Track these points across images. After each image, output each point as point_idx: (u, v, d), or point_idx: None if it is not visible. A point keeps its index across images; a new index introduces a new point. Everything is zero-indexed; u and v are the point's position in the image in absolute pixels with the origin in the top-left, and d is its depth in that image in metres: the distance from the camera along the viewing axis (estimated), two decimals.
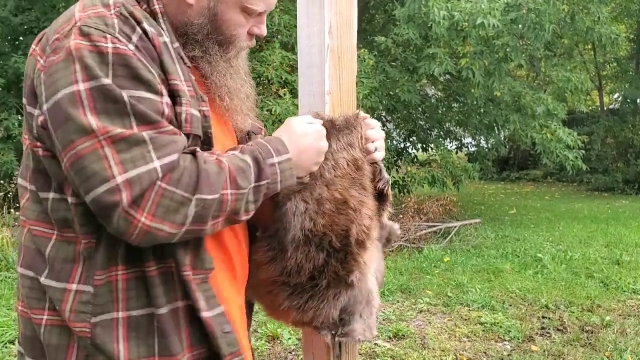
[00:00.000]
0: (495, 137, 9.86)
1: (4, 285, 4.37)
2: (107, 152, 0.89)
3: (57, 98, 0.91)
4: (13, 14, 7.20)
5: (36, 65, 0.97)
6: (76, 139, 0.90)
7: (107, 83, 0.91)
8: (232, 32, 1.09)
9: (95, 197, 0.90)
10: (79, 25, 0.94)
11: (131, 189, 0.89)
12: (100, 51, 0.92)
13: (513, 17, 6.59)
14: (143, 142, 0.91)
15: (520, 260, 5.92)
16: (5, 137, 6.73)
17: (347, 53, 1.32)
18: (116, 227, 0.91)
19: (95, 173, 0.89)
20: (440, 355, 3.48)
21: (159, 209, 0.91)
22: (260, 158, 1.04)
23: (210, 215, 0.96)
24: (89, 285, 0.98)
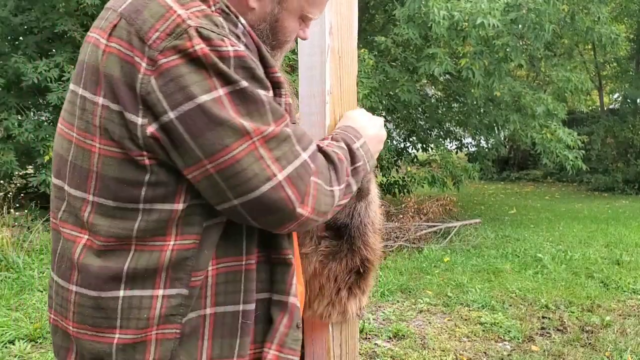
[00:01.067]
0: (495, 137, 9.86)
1: (4, 285, 4.37)
2: (262, 152, 0.90)
3: (196, 104, 0.87)
4: (13, 14, 7.20)
5: (135, 69, 0.88)
6: (231, 142, 0.88)
7: (246, 86, 0.90)
8: (286, 38, 1.10)
9: (257, 196, 0.90)
10: (196, 27, 0.88)
11: (295, 185, 0.92)
12: (223, 56, 0.89)
13: (513, 17, 6.59)
14: (288, 137, 0.93)
15: (520, 260, 5.93)
16: (5, 137, 6.72)
17: (348, 53, 1.32)
18: (281, 221, 0.94)
19: (256, 174, 0.90)
20: (440, 355, 3.48)
21: (317, 202, 0.96)
22: (350, 143, 1.11)
23: (342, 202, 1.04)
24: (180, 288, 0.95)
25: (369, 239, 1.27)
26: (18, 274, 4.60)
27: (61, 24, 6.67)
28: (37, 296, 4.21)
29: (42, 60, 6.46)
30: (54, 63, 6.43)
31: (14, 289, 4.32)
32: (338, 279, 1.26)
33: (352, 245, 1.25)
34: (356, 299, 1.30)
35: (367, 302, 1.36)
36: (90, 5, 6.30)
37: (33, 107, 7.53)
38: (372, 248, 1.28)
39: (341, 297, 1.27)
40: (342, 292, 1.27)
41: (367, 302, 1.35)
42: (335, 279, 1.25)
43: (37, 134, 6.46)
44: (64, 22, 6.69)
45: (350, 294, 1.28)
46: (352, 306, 1.29)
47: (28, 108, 7.31)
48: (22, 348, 3.32)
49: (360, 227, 1.25)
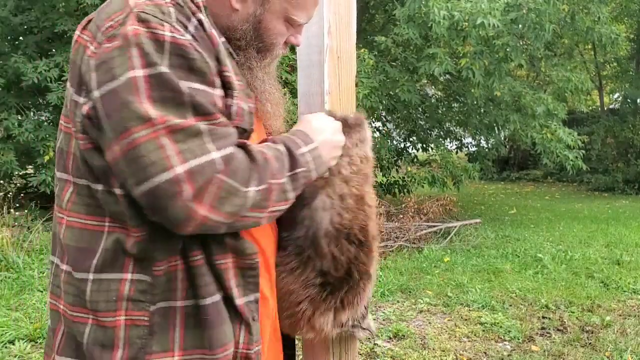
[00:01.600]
0: (495, 137, 9.86)
1: (4, 285, 4.37)
2: (164, 142, 0.87)
3: (114, 85, 0.89)
4: (13, 14, 7.20)
5: (85, 52, 0.94)
6: (133, 126, 0.87)
7: (166, 71, 0.89)
8: (272, 41, 1.10)
9: (152, 187, 0.88)
10: (136, 12, 0.91)
11: (193, 180, 0.88)
12: (157, 39, 0.90)
13: (513, 17, 6.59)
14: (200, 134, 0.90)
15: (520, 260, 5.92)
16: (5, 137, 6.73)
17: (346, 53, 1.32)
18: (172, 218, 0.90)
19: (153, 163, 0.87)
20: (440, 355, 3.48)
21: (219, 201, 0.91)
22: (292, 147, 1.06)
23: (261, 205, 0.98)
24: (146, 275, 0.96)
25: (324, 249, 1.16)
26: (18, 274, 4.60)
27: (61, 24, 6.67)
28: (37, 296, 4.21)
29: (42, 60, 6.47)
30: (54, 63, 6.44)
31: (14, 289, 4.32)
32: (294, 293, 1.17)
33: (301, 256, 1.16)
34: (327, 315, 1.20)
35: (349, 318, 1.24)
36: (90, 5, 6.30)
37: (33, 107, 7.54)
38: (331, 258, 1.17)
39: (302, 311, 1.18)
40: (303, 307, 1.18)
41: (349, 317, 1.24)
42: (291, 293, 1.17)
43: (37, 134, 6.46)
44: (64, 22, 6.69)
45: (316, 308, 1.18)
46: (322, 322, 1.20)
47: (28, 108, 7.31)
48: (22, 348, 3.32)
49: (308, 236, 1.16)
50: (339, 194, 1.18)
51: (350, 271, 1.19)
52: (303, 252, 1.16)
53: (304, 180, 1.07)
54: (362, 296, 1.23)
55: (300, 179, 1.06)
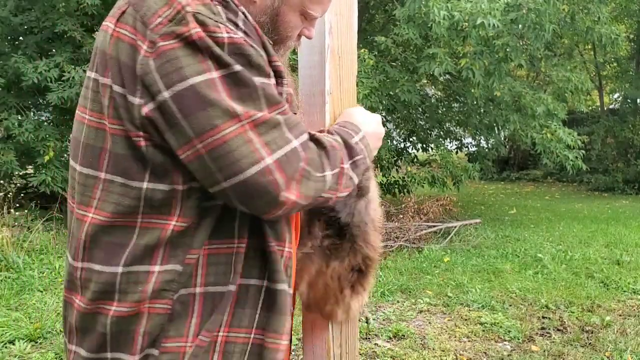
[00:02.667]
0: (495, 137, 9.86)
1: (4, 285, 4.37)
2: (251, 135, 0.91)
3: (189, 85, 0.90)
4: (13, 13, 7.19)
5: (137, 51, 0.93)
6: (220, 123, 0.90)
7: (239, 69, 0.92)
8: (287, 33, 1.12)
9: (245, 179, 0.91)
10: (193, 13, 0.92)
11: (283, 169, 0.93)
12: (217, 41, 0.92)
13: (513, 17, 6.59)
14: (279, 124, 0.94)
15: (520, 260, 5.93)
16: (5, 137, 6.72)
17: (348, 53, 1.32)
18: (265, 206, 0.94)
19: (243, 156, 0.91)
20: (440, 355, 3.48)
21: (303, 187, 0.96)
22: (346, 137, 1.11)
23: (333, 187, 1.03)
24: (175, 264, 0.99)
25: (370, 237, 1.26)
26: (18, 274, 4.60)
27: (61, 24, 6.67)
28: (37, 296, 4.21)
29: (42, 60, 6.46)
30: (54, 63, 6.43)
31: (14, 289, 4.32)
32: (341, 278, 1.25)
33: (353, 244, 1.25)
34: (359, 297, 1.30)
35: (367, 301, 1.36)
36: (90, 5, 6.29)
37: (33, 107, 7.53)
38: (373, 246, 1.27)
39: (345, 295, 1.27)
40: (346, 291, 1.27)
41: (368, 300, 1.35)
42: (338, 278, 1.25)
43: (37, 134, 6.46)
44: (64, 22, 6.68)
45: (353, 292, 1.28)
46: (355, 304, 1.29)
47: (28, 108, 7.31)
48: (22, 348, 3.32)
49: (361, 225, 1.24)
50: (377, 189, 1.29)
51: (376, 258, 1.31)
52: (356, 240, 1.25)
53: (363, 167, 1.12)
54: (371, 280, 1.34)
55: (360, 166, 1.11)
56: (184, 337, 1.00)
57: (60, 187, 6.28)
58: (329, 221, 1.23)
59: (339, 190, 1.05)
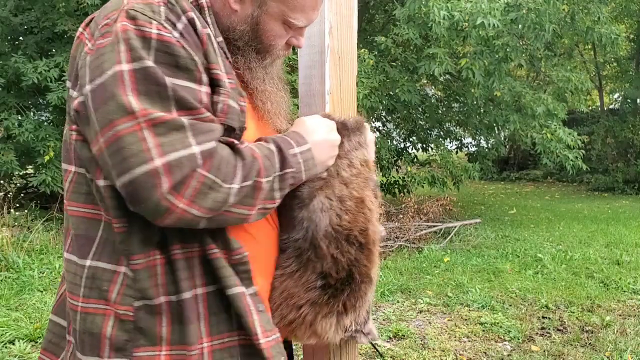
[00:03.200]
0: (495, 137, 9.86)
1: (4, 285, 4.37)
2: (146, 134, 0.89)
3: (102, 79, 0.91)
4: (13, 13, 7.19)
5: (84, 49, 0.98)
6: (116, 119, 0.89)
7: (151, 65, 0.91)
8: (270, 42, 1.11)
9: (131, 178, 0.89)
10: (126, 9, 0.95)
11: (171, 173, 0.89)
12: (144, 35, 0.92)
13: (513, 17, 6.59)
14: (182, 128, 0.92)
15: (520, 260, 5.92)
16: (5, 137, 6.72)
17: (348, 53, 1.32)
18: (150, 209, 0.91)
19: (133, 154, 0.89)
20: (440, 355, 3.48)
21: (198, 195, 0.92)
22: (283, 147, 1.06)
23: (246, 202, 0.98)
24: (129, 269, 0.98)
25: (324, 250, 1.14)
26: (18, 274, 4.60)
27: (61, 24, 6.67)
28: (37, 296, 4.21)
29: (42, 60, 6.46)
30: (54, 63, 6.43)
31: (14, 289, 4.32)
32: (295, 297, 1.15)
33: (300, 259, 1.15)
34: (329, 319, 1.17)
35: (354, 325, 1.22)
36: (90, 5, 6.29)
37: (33, 107, 7.53)
38: (332, 260, 1.15)
39: (303, 315, 1.15)
40: (304, 312, 1.15)
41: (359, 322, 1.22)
42: (291, 296, 1.15)
43: (37, 134, 6.46)
44: (64, 22, 6.68)
45: (317, 313, 1.16)
46: (325, 326, 1.17)
47: (28, 108, 7.30)
48: (22, 348, 3.32)
49: (307, 238, 1.14)
50: (338, 196, 1.17)
51: (351, 273, 1.18)
52: (302, 254, 1.15)
53: (291, 181, 1.07)
54: (363, 300, 1.21)
55: (288, 179, 1.06)
56: (157, 346, 0.99)
57: (60, 187, 6.27)
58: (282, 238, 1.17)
59: (255, 204, 1.00)
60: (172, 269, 0.99)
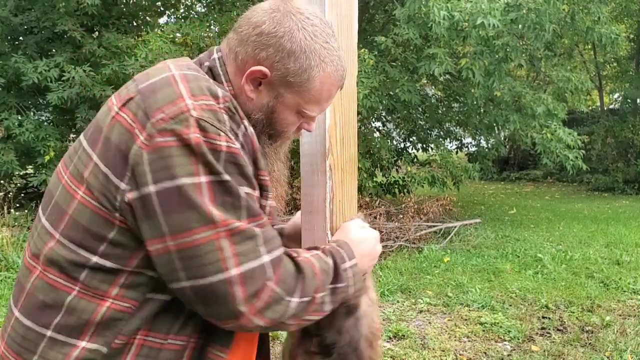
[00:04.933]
0: (495, 137, 9.86)
1: (3, 285, 4.37)
2: (223, 244, 0.93)
3: (176, 184, 0.92)
4: (13, 13, 7.20)
5: (133, 139, 0.95)
6: (196, 227, 0.92)
7: (228, 179, 0.94)
8: (284, 129, 1.13)
9: (206, 284, 0.93)
10: (197, 118, 0.94)
11: (246, 285, 0.94)
12: (215, 148, 0.94)
13: (513, 17, 6.59)
14: (254, 237, 0.96)
15: (520, 260, 5.93)
16: (6, 137, 6.73)
17: (348, 53, 1.32)
18: (222, 314, 0.95)
19: (210, 263, 0.92)
20: (440, 355, 3.48)
21: (265, 307, 0.96)
22: (338, 262, 1.09)
23: (299, 315, 1.02)
24: (101, 345, 0.98)
25: (364, 353, 1.22)
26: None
27: (61, 24, 6.67)
28: None
29: (42, 60, 6.46)
30: (54, 63, 6.44)
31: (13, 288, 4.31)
32: None
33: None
34: None
35: None
36: (90, 5, 6.30)
37: (33, 107, 7.54)
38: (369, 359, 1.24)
39: None
40: None
41: None
42: None
43: (37, 134, 6.47)
44: (64, 22, 6.69)
45: None
46: None
47: (28, 108, 7.31)
48: None
49: (352, 344, 1.21)
50: (372, 299, 1.24)
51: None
52: (345, 357, 1.20)
53: (343, 296, 1.10)
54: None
55: (339, 294, 1.09)
56: None
57: None
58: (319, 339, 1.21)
59: (304, 317, 1.03)
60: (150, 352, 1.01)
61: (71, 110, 6.78)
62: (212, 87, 1.00)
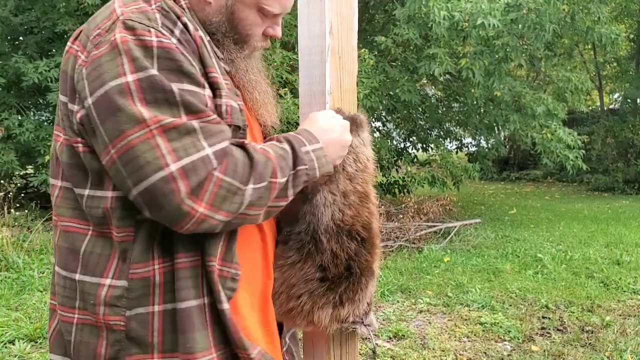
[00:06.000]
0: (495, 137, 9.86)
1: (4, 285, 4.37)
2: (158, 141, 0.90)
3: (105, 90, 0.91)
4: (13, 13, 7.20)
5: (76, 62, 0.98)
6: (127, 129, 0.90)
7: (156, 74, 0.92)
8: (247, 32, 1.12)
9: (148, 186, 0.90)
10: (123, 20, 0.94)
11: (188, 177, 0.90)
12: (145, 44, 0.93)
13: (513, 17, 6.59)
14: (193, 131, 0.92)
15: (520, 260, 5.92)
16: (6, 137, 6.73)
17: (348, 53, 1.33)
18: (170, 215, 0.92)
19: (147, 162, 0.90)
20: (440, 355, 3.48)
21: (217, 199, 0.93)
22: (295, 145, 1.07)
23: (259, 203, 0.99)
24: (122, 280, 0.98)
25: (325, 245, 1.17)
26: (18, 274, 4.60)
27: (61, 24, 6.68)
28: (37, 296, 4.21)
29: (43, 60, 6.47)
30: (54, 63, 6.44)
31: (14, 289, 4.32)
32: (295, 287, 1.19)
33: (301, 251, 1.18)
34: (326, 309, 1.20)
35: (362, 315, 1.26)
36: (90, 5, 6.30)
37: (33, 107, 7.54)
38: (331, 254, 1.18)
39: (301, 305, 1.19)
40: (303, 301, 1.19)
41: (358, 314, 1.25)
42: (292, 286, 1.19)
43: (37, 134, 6.47)
44: (65, 22, 6.69)
45: (315, 303, 1.19)
46: (321, 316, 1.21)
47: (28, 108, 7.32)
48: (22, 348, 3.32)
49: (309, 231, 1.17)
50: (342, 191, 1.20)
51: (350, 267, 1.21)
52: (303, 247, 1.18)
53: (305, 178, 1.08)
54: (364, 293, 1.24)
55: (301, 177, 1.07)
56: (149, 354, 0.99)
57: None
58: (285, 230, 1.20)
59: (267, 204, 1.01)
60: (172, 277, 0.99)
61: None
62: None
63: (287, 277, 1.19)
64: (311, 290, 1.19)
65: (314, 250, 1.18)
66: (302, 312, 1.20)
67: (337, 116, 1.21)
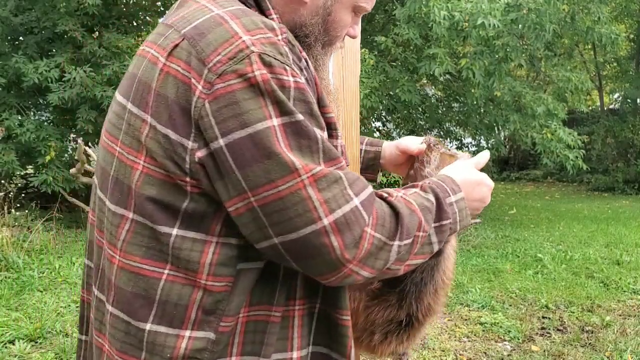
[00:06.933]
0: (496, 137, 9.86)
1: (4, 285, 4.37)
2: (310, 192, 0.83)
3: (248, 133, 0.82)
4: (13, 14, 7.20)
5: (190, 90, 0.84)
6: (277, 178, 0.82)
7: (301, 119, 0.84)
8: (338, 34, 1.04)
9: (297, 238, 0.84)
10: (259, 53, 0.83)
11: (341, 233, 0.84)
12: (283, 85, 0.83)
13: (513, 18, 6.59)
14: (340, 179, 0.86)
15: (520, 260, 5.93)
16: (6, 137, 6.73)
17: (350, 53, 1.33)
18: (320, 267, 0.87)
19: (298, 215, 0.83)
20: (440, 355, 3.48)
21: (366, 256, 0.87)
22: (440, 197, 0.99)
23: (403, 258, 0.93)
24: (206, 331, 0.89)
25: (424, 299, 1.16)
26: (18, 274, 4.60)
27: (62, 24, 6.67)
28: (37, 296, 4.21)
29: (43, 60, 6.47)
30: (55, 63, 6.44)
31: (14, 289, 4.32)
32: (375, 323, 1.18)
33: (402, 300, 1.16)
34: (391, 345, 1.21)
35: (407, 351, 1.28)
36: (90, 5, 6.30)
37: (33, 107, 7.54)
38: (426, 309, 1.18)
39: (373, 339, 1.19)
40: (376, 336, 1.19)
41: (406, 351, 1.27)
42: (372, 322, 1.18)
43: (38, 134, 6.47)
44: (65, 22, 6.69)
45: (385, 340, 1.20)
46: (385, 351, 1.22)
47: (28, 108, 7.32)
48: (22, 348, 3.32)
49: (418, 285, 1.15)
50: (453, 246, 1.18)
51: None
52: (407, 296, 1.16)
53: (448, 233, 1.00)
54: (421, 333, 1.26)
55: (445, 232, 0.99)
56: None
57: (61, 186, 6.29)
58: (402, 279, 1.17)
59: (409, 259, 0.95)
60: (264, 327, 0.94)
61: (72, 110, 6.79)
62: (265, 19, 0.89)
63: (370, 314, 1.18)
64: (388, 330, 1.19)
65: (414, 302, 1.16)
66: (369, 346, 1.21)
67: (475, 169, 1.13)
